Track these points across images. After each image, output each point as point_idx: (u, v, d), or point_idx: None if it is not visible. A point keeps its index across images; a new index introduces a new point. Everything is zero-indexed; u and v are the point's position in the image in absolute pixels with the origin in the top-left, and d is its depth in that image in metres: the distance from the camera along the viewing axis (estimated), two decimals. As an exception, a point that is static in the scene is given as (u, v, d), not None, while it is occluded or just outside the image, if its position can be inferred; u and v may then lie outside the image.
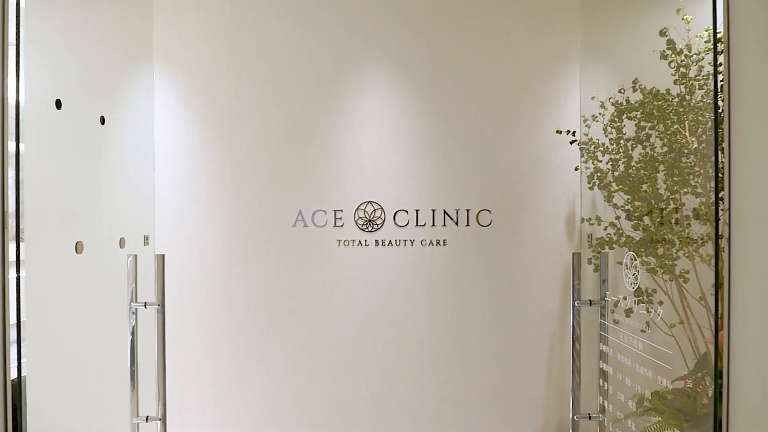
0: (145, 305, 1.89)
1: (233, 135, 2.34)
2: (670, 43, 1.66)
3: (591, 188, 2.18)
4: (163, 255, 1.88)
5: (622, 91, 1.90)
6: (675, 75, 1.66)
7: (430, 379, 2.38)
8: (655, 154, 1.78)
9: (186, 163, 2.34)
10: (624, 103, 1.90)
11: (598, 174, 2.15)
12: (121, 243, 1.95)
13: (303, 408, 2.36)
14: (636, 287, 1.77)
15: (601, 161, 2.20)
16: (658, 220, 1.77)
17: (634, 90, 1.84)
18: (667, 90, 1.73)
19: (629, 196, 1.96)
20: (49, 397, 1.52)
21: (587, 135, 2.35)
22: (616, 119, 1.93)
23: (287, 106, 2.35)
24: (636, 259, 1.76)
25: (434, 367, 2.38)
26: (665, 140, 1.72)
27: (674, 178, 1.68)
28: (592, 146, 2.19)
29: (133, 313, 1.90)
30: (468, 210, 2.36)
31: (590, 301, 2.05)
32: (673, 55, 1.66)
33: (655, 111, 1.76)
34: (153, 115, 2.08)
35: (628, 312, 1.89)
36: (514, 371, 2.39)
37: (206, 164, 2.34)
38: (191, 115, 2.34)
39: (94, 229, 1.79)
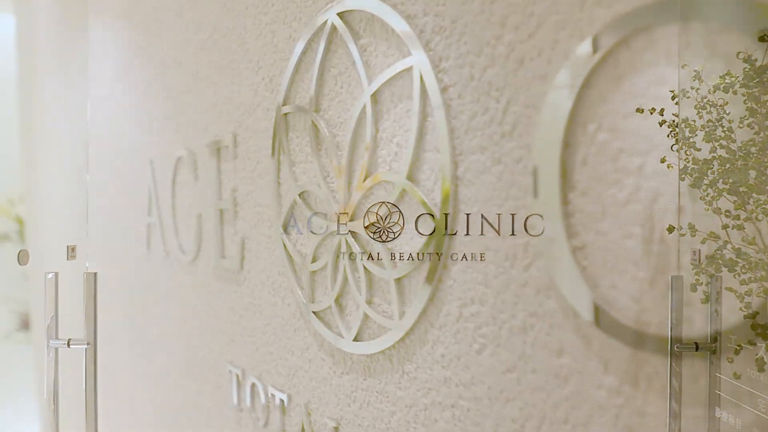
0: (68, 343, 1.35)
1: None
2: None
3: (692, 186, 1.62)
4: (95, 273, 1.34)
5: (765, 38, 1.33)
6: None
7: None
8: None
9: (143, 149, 1.82)
10: (764, 59, 1.32)
11: (698, 167, 1.59)
12: (21, 257, 1.40)
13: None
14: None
15: (699, 149, 1.64)
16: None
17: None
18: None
19: (736, 198, 1.41)
20: None
21: (677, 115, 1.79)
22: (751, 83, 1.36)
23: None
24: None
25: None
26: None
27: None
28: (688, 129, 1.63)
29: (52, 352, 1.36)
30: (513, 215, 1.84)
31: (696, 344, 1.48)
32: None
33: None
34: (87, 77, 1.56)
35: (761, 364, 1.32)
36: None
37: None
38: (151, 82, 1.81)
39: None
